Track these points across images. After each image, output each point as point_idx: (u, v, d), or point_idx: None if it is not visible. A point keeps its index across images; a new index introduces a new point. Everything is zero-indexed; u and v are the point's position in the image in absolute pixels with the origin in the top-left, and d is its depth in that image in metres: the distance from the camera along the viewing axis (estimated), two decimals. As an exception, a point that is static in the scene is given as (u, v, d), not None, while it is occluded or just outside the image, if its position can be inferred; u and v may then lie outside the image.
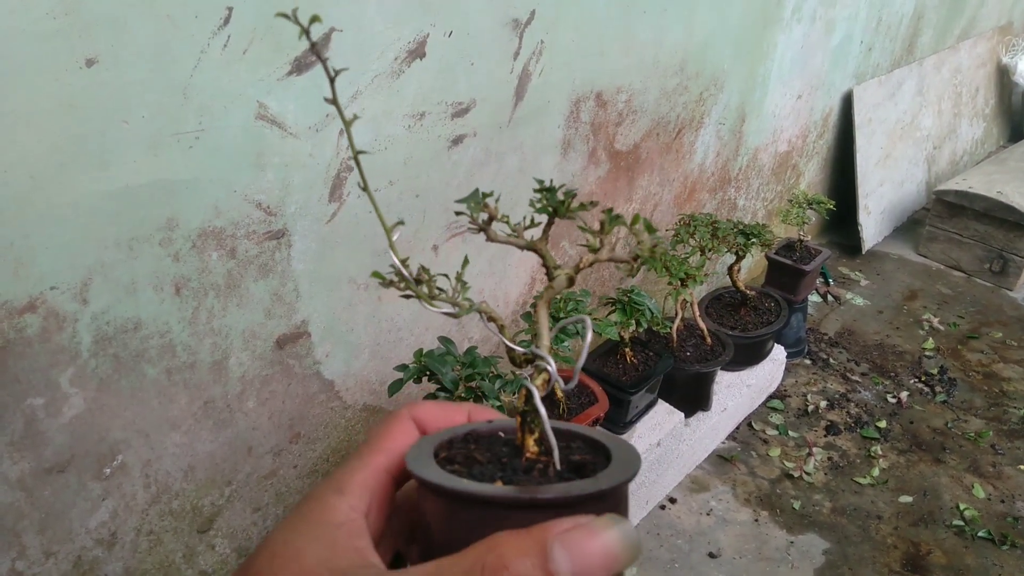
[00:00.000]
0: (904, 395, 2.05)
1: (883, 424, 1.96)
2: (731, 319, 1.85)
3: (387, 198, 1.18)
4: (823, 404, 2.01)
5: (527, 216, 0.38)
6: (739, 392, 1.84)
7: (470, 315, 0.39)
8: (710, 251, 1.59)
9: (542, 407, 0.34)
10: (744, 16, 1.78)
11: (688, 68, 1.68)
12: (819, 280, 2.57)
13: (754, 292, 1.91)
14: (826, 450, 1.87)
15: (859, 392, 2.08)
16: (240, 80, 0.91)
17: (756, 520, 1.67)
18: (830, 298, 2.51)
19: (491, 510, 0.30)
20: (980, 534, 1.64)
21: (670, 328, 1.62)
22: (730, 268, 1.81)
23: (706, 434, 1.77)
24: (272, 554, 0.31)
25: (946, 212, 2.67)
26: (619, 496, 0.32)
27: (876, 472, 1.80)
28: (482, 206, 0.37)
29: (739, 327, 1.82)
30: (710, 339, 1.71)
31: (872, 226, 2.76)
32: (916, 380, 2.14)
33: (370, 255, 1.20)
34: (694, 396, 1.71)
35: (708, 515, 1.67)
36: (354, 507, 0.32)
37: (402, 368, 1.06)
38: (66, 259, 0.86)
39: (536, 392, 0.34)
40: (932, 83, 2.95)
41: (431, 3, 1.08)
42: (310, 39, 0.31)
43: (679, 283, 1.48)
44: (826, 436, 1.92)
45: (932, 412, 2.02)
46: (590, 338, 0.36)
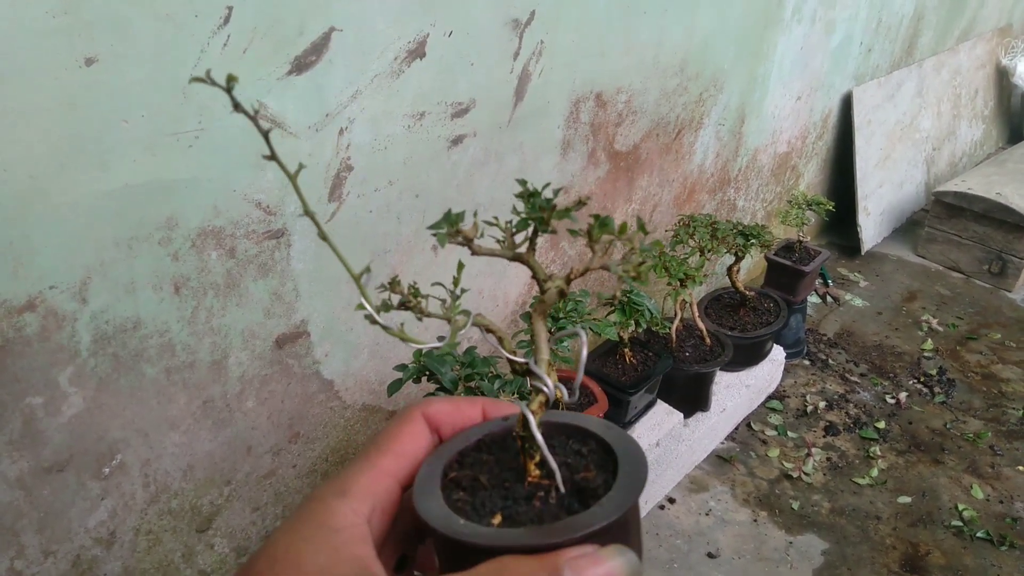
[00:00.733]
0: (903, 396, 2.05)
1: (882, 425, 1.96)
2: (730, 320, 1.85)
3: (387, 198, 1.18)
4: (822, 405, 2.02)
5: (512, 220, 0.37)
6: (738, 393, 1.84)
7: (478, 310, 0.38)
8: (709, 252, 1.59)
9: (539, 434, 0.33)
10: (744, 17, 1.78)
11: (688, 69, 1.68)
12: (818, 281, 2.57)
13: (753, 293, 1.91)
14: (825, 451, 1.87)
15: (858, 393, 2.08)
16: (240, 80, 0.91)
17: (755, 520, 1.67)
18: (829, 299, 2.51)
19: (491, 555, 0.30)
20: (979, 535, 1.64)
21: (669, 328, 1.62)
22: (729, 269, 1.81)
23: (705, 434, 1.77)
24: (272, 558, 0.31)
25: (945, 213, 2.67)
26: (626, 521, 0.32)
27: (875, 473, 1.80)
28: (455, 230, 0.35)
29: (738, 328, 1.82)
30: (709, 340, 1.71)
31: (871, 227, 2.76)
32: (915, 381, 2.14)
33: (369, 254, 1.20)
34: (693, 396, 1.71)
35: (707, 515, 1.67)
36: (357, 511, 0.32)
37: (401, 368, 1.06)
38: (65, 258, 0.86)
39: (532, 419, 0.34)
40: (932, 85, 2.95)
41: (431, 3, 1.08)
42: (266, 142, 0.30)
43: (678, 284, 1.48)
44: (825, 437, 1.92)
45: (931, 413, 2.02)
46: (585, 354, 0.35)
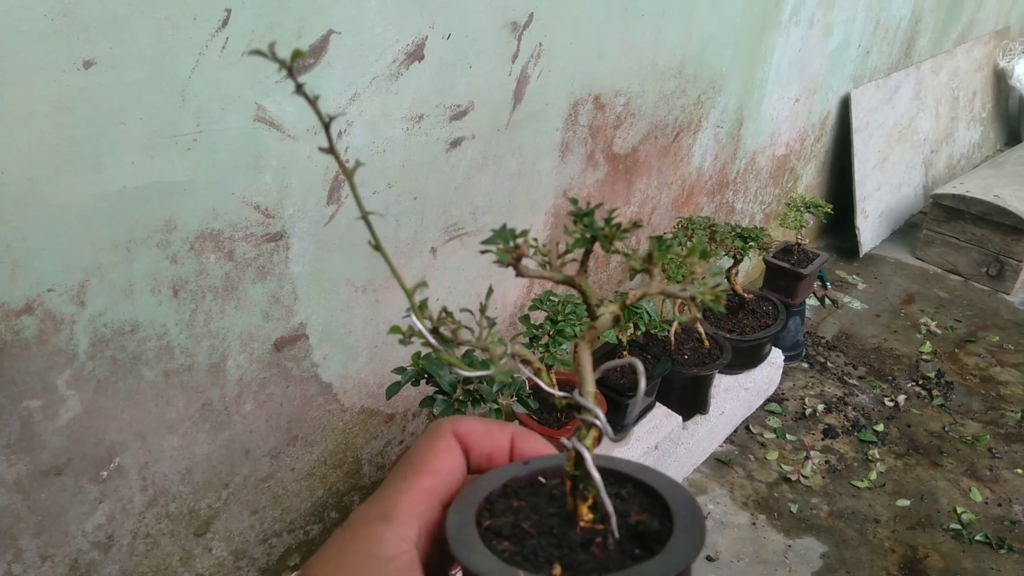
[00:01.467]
0: (901, 399, 2.05)
1: (880, 428, 1.96)
2: (729, 322, 1.85)
3: (385, 201, 1.17)
4: (821, 407, 2.02)
5: (559, 243, 0.34)
6: (737, 395, 1.84)
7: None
8: (708, 255, 1.59)
9: (596, 473, 0.31)
10: (742, 19, 1.78)
11: (686, 71, 1.69)
12: (816, 283, 2.57)
13: (752, 295, 1.91)
14: (823, 453, 1.87)
15: (856, 396, 2.08)
16: (238, 82, 0.91)
17: (754, 523, 1.67)
18: (827, 301, 2.52)
19: None
20: (977, 538, 1.64)
21: (668, 331, 1.62)
22: (728, 271, 1.81)
23: (704, 437, 1.77)
24: None
25: (943, 216, 2.67)
26: (688, 570, 0.30)
27: (873, 476, 1.80)
28: (512, 246, 0.33)
29: (737, 330, 1.82)
30: (708, 342, 1.71)
31: (869, 230, 2.76)
32: (913, 384, 2.14)
33: (368, 257, 1.19)
34: (692, 399, 1.71)
35: (706, 518, 1.67)
36: (404, 537, 0.30)
37: (400, 371, 1.06)
38: (63, 261, 0.86)
39: (588, 456, 0.31)
40: (929, 87, 2.96)
41: (430, 5, 1.08)
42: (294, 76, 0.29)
43: (677, 286, 1.48)
44: (823, 439, 1.92)
45: (929, 416, 2.02)
46: (644, 385, 0.33)
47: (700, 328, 1.69)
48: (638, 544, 0.31)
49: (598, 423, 0.32)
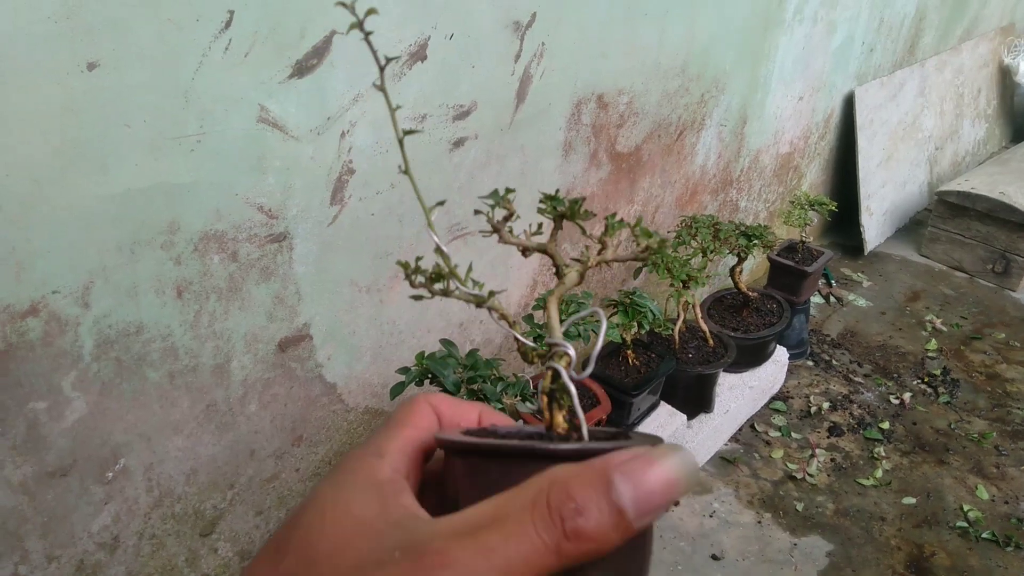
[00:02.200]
0: (907, 396, 2.05)
1: (886, 425, 1.95)
2: (733, 321, 1.85)
3: (389, 201, 1.18)
4: (826, 405, 2.01)
5: (532, 224, 0.40)
6: (741, 394, 1.83)
7: (481, 313, 0.39)
8: (712, 253, 1.59)
9: (571, 383, 0.35)
10: (745, 18, 1.78)
11: (689, 70, 1.68)
12: (821, 281, 2.57)
13: (756, 293, 1.90)
14: (829, 451, 1.86)
15: (862, 393, 2.07)
16: (241, 83, 0.91)
17: (759, 522, 1.66)
18: (832, 299, 2.51)
19: (528, 463, 0.29)
20: (984, 535, 1.64)
21: (672, 330, 1.62)
22: (732, 270, 1.81)
23: (708, 436, 1.77)
24: (322, 509, 0.31)
25: (948, 213, 2.66)
26: None
27: (879, 473, 1.80)
28: (505, 202, 0.38)
29: (741, 329, 1.82)
30: (712, 341, 1.70)
31: (874, 227, 2.76)
32: (919, 381, 2.13)
33: (372, 257, 1.20)
34: (696, 398, 1.71)
35: (711, 517, 1.67)
36: (396, 469, 0.33)
37: (404, 371, 1.06)
38: (68, 263, 0.86)
39: (563, 370, 0.35)
40: (934, 84, 2.95)
41: (432, 6, 1.08)
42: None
43: (681, 285, 1.48)
44: (829, 437, 1.91)
45: (935, 413, 2.02)
46: (605, 328, 0.37)
47: (704, 326, 1.69)
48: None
49: (569, 352, 0.36)
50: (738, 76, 1.87)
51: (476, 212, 0.38)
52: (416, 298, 0.37)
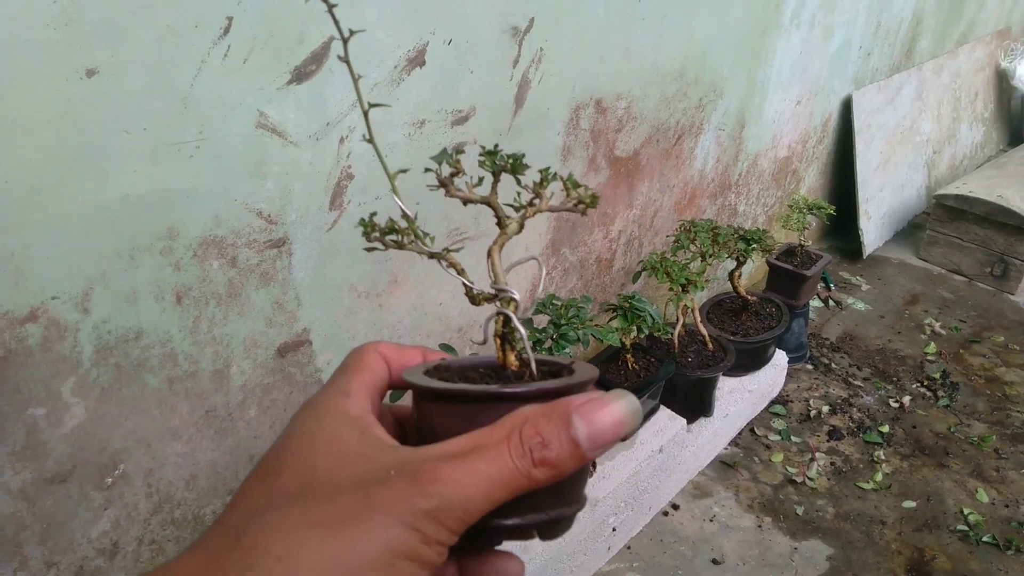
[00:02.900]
0: (906, 400, 2.05)
1: (886, 429, 1.95)
2: (732, 324, 1.85)
3: (387, 205, 1.18)
4: (825, 409, 2.01)
5: (474, 177, 0.44)
6: (741, 398, 1.83)
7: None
8: (711, 257, 1.59)
9: (521, 327, 0.39)
10: (743, 22, 1.78)
11: (687, 74, 1.69)
12: (820, 285, 2.57)
13: (755, 297, 1.90)
14: (829, 455, 1.86)
15: (861, 397, 2.07)
16: (240, 89, 0.92)
17: (759, 526, 1.66)
18: (831, 303, 2.51)
19: (496, 404, 0.34)
20: (984, 539, 1.64)
21: (671, 334, 1.62)
22: (731, 274, 1.81)
23: (708, 440, 1.76)
24: (309, 438, 0.34)
25: (946, 216, 2.67)
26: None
27: (879, 477, 1.80)
28: (454, 160, 0.42)
29: (740, 332, 1.82)
30: (712, 345, 1.71)
31: (873, 231, 2.76)
32: (918, 385, 2.13)
33: (370, 262, 1.20)
34: (696, 402, 1.71)
35: (711, 521, 1.67)
36: (363, 407, 0.36)
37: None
38: (67, 269, 0.86)
39: (513, 315, 0.40)
40: (931, 88, 2.96)
41: (430, 11, 1.08)
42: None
43: (680, 289, 1.48)
44: (829, 441, 1.91)
45: (935, 417, 2.02)
46: (544, 274, 0.41)
47: (704, 330, 1.69)
48: (552, 377, 0.39)
49: (515, 297, 0.40)
50: (736, 80, 1.87)
51: (426, 170, 0.42)
52: (369, 250, 0.41)
